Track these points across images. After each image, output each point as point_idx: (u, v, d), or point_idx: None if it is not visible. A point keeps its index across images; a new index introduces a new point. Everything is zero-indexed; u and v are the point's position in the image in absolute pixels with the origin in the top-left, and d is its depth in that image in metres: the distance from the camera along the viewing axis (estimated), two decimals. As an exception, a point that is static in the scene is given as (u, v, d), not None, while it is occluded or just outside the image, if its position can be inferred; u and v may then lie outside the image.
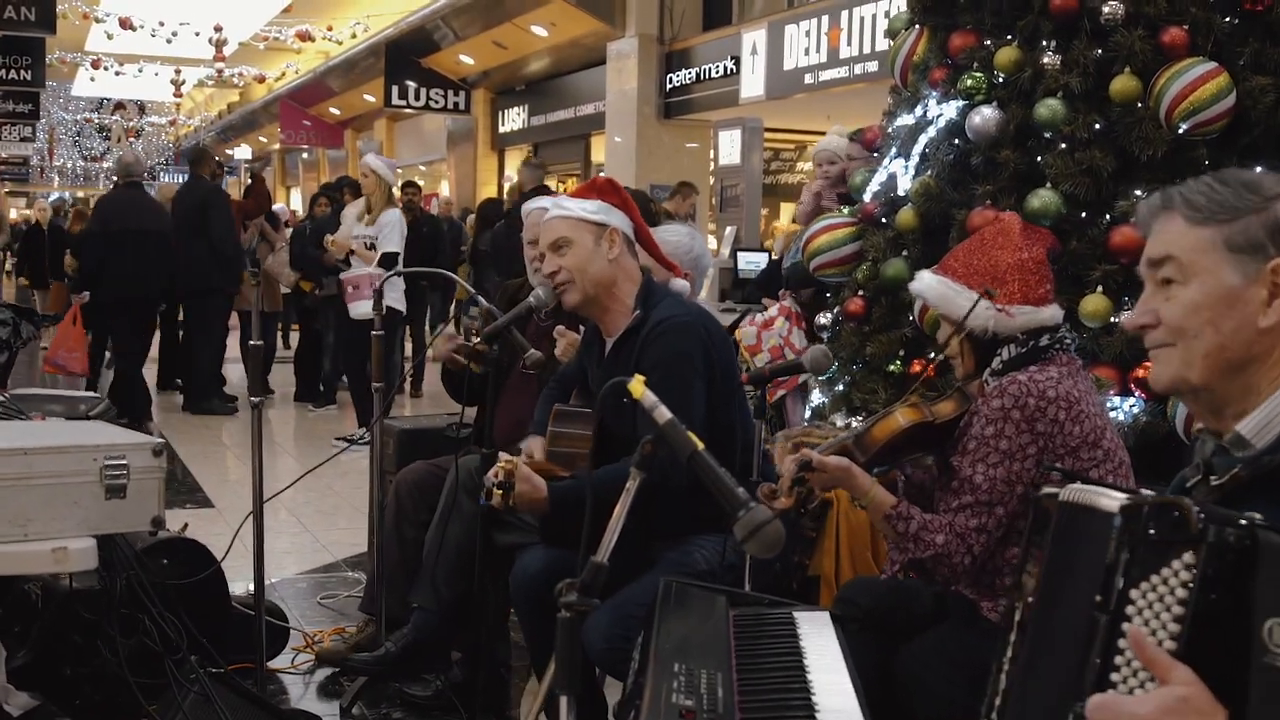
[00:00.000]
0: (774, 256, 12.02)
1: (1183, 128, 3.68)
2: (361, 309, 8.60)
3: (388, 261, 8.64)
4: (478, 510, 4.10)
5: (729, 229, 13.39)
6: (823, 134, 19.09)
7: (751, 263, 10.18)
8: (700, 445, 1.76)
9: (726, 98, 15.05)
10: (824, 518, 3.45)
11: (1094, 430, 2.64)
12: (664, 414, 1.78)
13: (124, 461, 2.59)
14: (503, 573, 4.14)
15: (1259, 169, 2.48)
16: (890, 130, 4.48)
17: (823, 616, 2.38)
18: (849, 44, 12.81)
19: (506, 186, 21.70)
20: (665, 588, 2.44)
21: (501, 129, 21.69)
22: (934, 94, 4.25)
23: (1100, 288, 3.77)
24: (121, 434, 2.70)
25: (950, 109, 4.13)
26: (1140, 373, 3.67)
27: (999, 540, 2.68)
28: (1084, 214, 3.82)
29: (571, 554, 3.37)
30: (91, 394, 4.36)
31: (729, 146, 14.11)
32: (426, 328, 12.72)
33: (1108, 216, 3.81)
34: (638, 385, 1.77)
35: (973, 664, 2.66)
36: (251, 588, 4.89)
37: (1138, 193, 3.75)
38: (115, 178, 10.93)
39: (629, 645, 3.09)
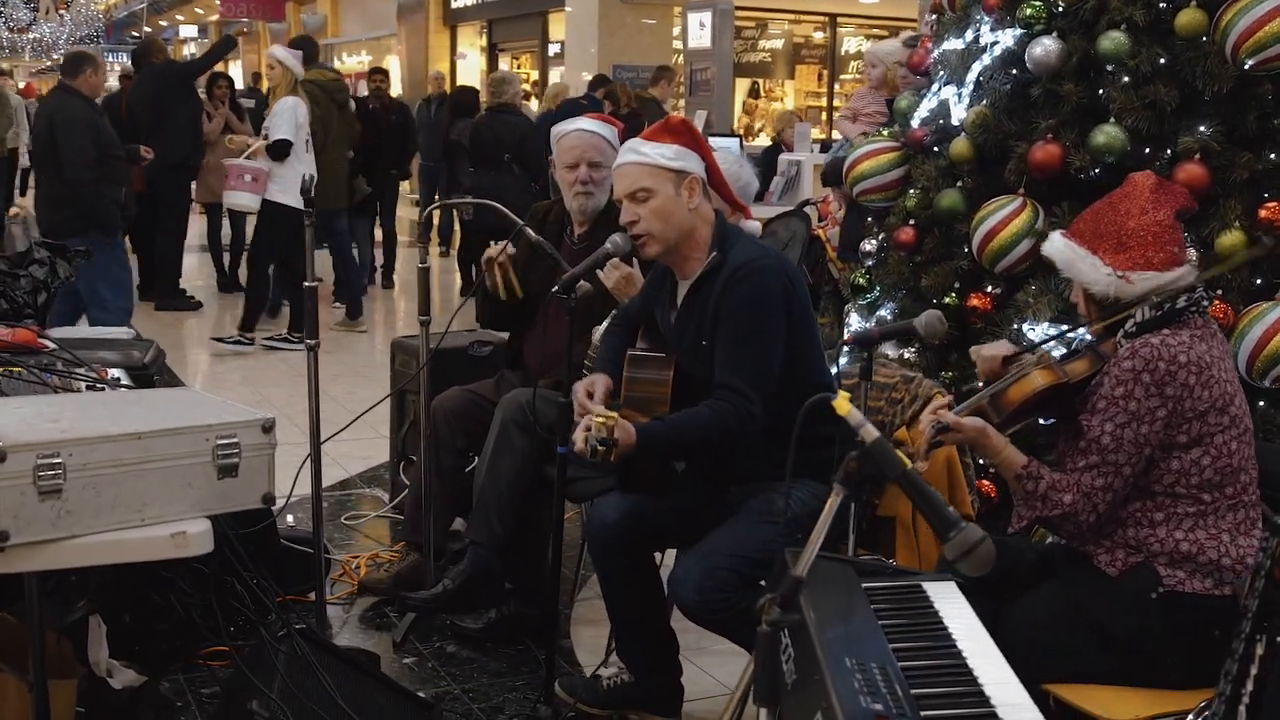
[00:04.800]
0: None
1: (1249, 63, 3.64)
2: (237, 199, 8.17)
3: (278, 150, 8.14)
4: (529, 445, 4.10)
5: (699, 113, 13.22)
6: (788, 12, 18.81)
7: (723, 148, 10.06)
8: (909, 465, 1.75)
9: (693, -23, 14.73)
10: (896, 460, 3.46)
11: (1223, 395, 2.68)
12: (871, 432, 1.76)
13: (235, 440, 2.52)
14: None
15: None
16: (937, 54, 4.40)
17: (950, 588, 2.41)
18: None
19: (459, 65, 21.25)
20: (787, 557, 2.44)
21: (455, 4, 21.10)
22: (987, 20, 4.17)
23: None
24: (228, 409, 2.63)
25: (1007, 37, 4.04)
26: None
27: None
28: (1146, 149, 3.79)
29: (645, 500, 3.41)
30: (132, 333, 4.25)
31: (698, 29, 13.85)
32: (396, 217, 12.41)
33: (1169, 152, 3.78)
34: (843, 404, 1.75)
35: (1085, 623, 2.72)
36: (290, 519, 4.90)
37: (1201, 128, 3.73)
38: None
39: (720, 596, 3.14)
